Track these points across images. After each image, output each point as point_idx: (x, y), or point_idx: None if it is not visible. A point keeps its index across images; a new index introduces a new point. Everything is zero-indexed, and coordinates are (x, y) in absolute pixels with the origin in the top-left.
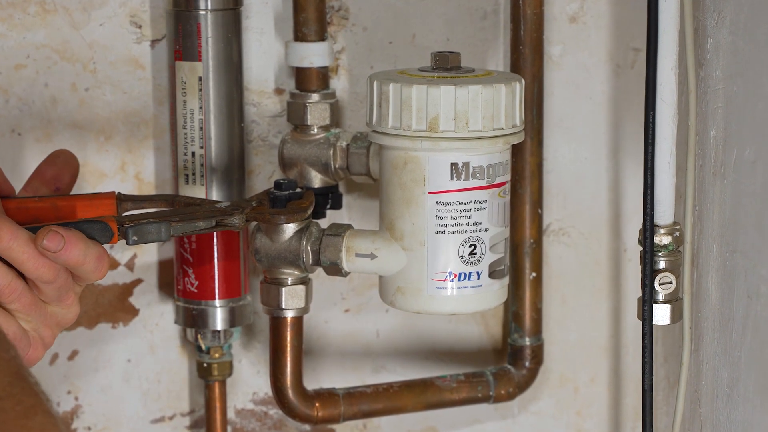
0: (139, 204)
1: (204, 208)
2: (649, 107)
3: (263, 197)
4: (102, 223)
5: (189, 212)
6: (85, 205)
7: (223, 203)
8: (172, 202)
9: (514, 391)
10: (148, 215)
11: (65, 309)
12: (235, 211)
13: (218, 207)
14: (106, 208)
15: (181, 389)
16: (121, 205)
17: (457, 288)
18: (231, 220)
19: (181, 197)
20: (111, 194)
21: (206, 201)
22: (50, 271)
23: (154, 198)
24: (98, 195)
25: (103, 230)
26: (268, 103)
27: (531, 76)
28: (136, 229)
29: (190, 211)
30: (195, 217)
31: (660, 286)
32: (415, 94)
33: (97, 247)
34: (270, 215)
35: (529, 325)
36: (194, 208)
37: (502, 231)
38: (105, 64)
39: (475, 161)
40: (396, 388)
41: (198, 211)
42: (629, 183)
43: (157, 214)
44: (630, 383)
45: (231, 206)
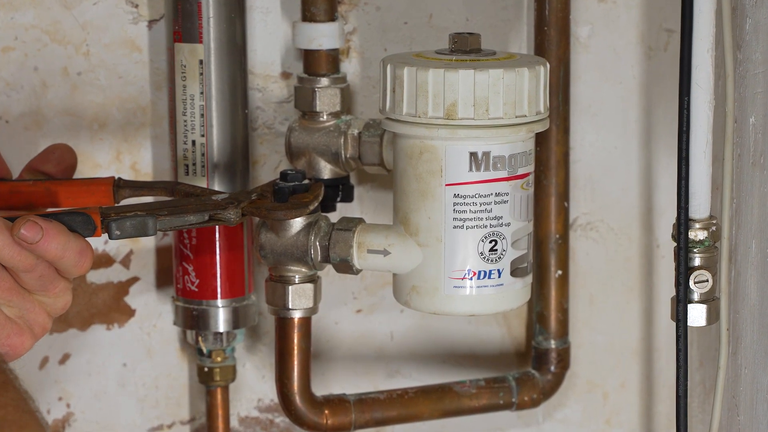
0: (137, 191)
1: (197, 201)
2: (684, 92)
3: (267, 189)
4: (84, 216)
5: (179, 205)
6: (81, 191)
7: (222, 195)
8: (173, 190)
9: (538, 397)
10: (135, 207)
11: (52, 298)
12: (229, 205)
13: (214, 200)
14: (103, 194)
15: (181, 395)
16: (118, 192)
17: (476, 287)
18: (225, 214)
19: (182, 185)
20: (108, 180)
21: (207, 191)
22: (26, 260)
23: (153, 185)
24: (95, 180)
25: (86, 223)
26: (274, 88)
27: (556, 59)
28: (120, 222)
29: (181, 203)
30: (185, 210)
31: (695, 284)
32: (432, 78)
33: (80, 241)
34: (267, 210)
35: (555, 326)
36: (186, 200)
37: (525, 226)
38: (99, 46)
39: (495, 151)
40: (411, 395)
41: (190, 203)
42: (662, 174)
43: (145, 206)
44: (663, 389)
45: (227, 199)
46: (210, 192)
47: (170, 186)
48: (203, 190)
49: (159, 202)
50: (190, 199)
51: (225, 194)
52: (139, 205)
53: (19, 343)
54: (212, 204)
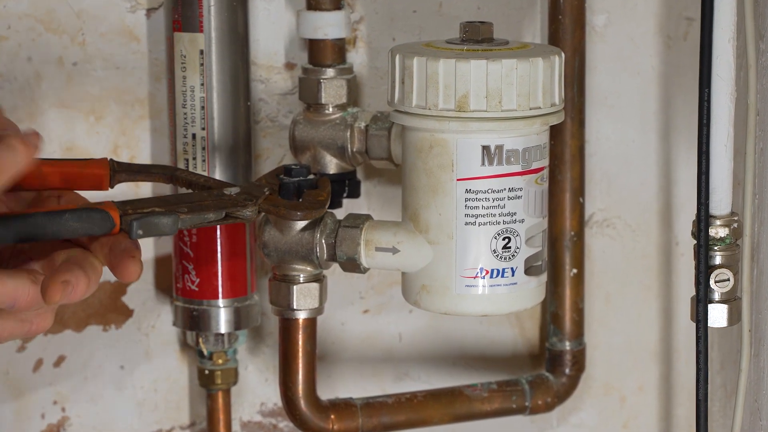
0: (134, 175)
1: (213, 198)
2: (704, 84)
3: (272, 180)
4: (102, 213)
5: (196, 200)
6: (74, 173)
7: (233, 189)
8: (171, 176)
9: (552, 401)
10: (150, 202)
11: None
12: (248, 203)
13: (229, 195)
14: (98, 178)
15: (181, 399)
16: (114, 176)
17: (489, 286)
18: (243, 212)
19: (181, 171)
20: (103, 162)
21: (211, 180)
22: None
23: (151, 170)
24: (89, 162)
25: (104, 220)
26: (277, 79)
27: (571, 49)
28: (143, 222)
29: (197, 199)
30: (204, 207)
31: (716, 283)
32: (442, 69)
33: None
34: (285, 209)
35: (570, 327)
36: (201, 195)
37: (540, 222)
38: (95, 35)
39: (509, 144)
40: (420, 398)
41: (206, 200)
42: (681, 168)
43: (160, 201)
44: (682, 392)
45: (242, 194)
46: (216, 183)
47: (169, 171)
48: (206, 179)
49: (173, 196)
50: (204, 194)
51: (236, 187)
52: (154, 199)
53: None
54: (231, 201)
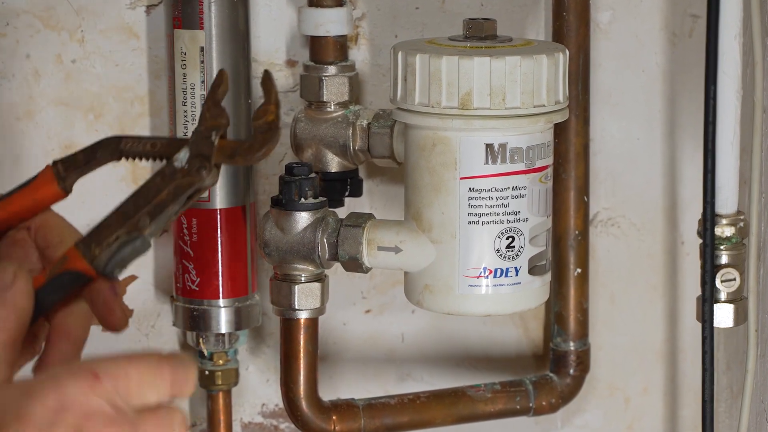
0: (83, 169)
1: (166, 180)
2: (710, 81)
3: (215, 111)
4: (72, 273)
5: (154, 198)
6: (27, 206)
7: (182, 153)
8: (118, 149)
9: (557, 402)
10: (112, 226)
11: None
12: (202, 170)
13: (180, 168)
14: (52, 197)
15: (180, 400)
16: (66, 181)
17: (492, 286)
18: (203, 184)
19: (126, 141)
20: (48, 176)
21: (158, 144)
22: None
23: (97, 153)
24: (36, 185)
25: (78, 279)
26: (278, 76)
27: (576, 46)
28: (116, 261)
29: (153, 193)
30: (164, 203)
31: (722, 283)
32: (445, 66)
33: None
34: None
35: (574, 327)
36: (155, 183)
37: (544, 221)
38: (94, 32)
39: (512, 142)
40: (423, 399)
41: (162, 188)
42: (687, 167)
43: (121, 217)
44: (688, 393)
45: (194, 159)
46: (163, 146)
47: (114, 147)
48: (152, 144)
49: (130, 203)
50: (157, 180)
51: (185, 149)
52: (113, 220)
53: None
54: (185, 178)
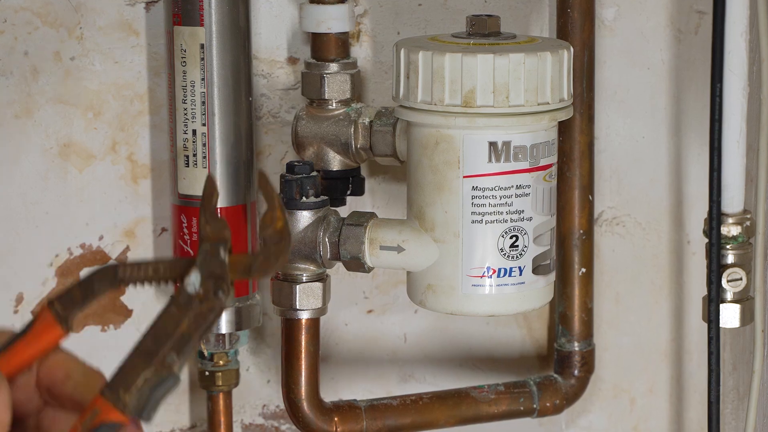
0: (82, 305)
1: (182, 310)
2: (716, 78)
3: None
4: (108, 426)
5: (174, 330)
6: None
7: (193, 277)
8: (115, 278)
9: (561, 403)
10: (137, 364)
11: None
12: (219, 291)
13: (195, 293)
14: (55, 340)
15: (180, 401)
16: (67, 321)
17: (496, 285)
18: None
19: (122, 268)
20: (46, 318)
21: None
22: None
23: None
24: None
25: (114, 429)
26: (279, 74)
27: (580, 43)
28: (149, 406)
29: (172, 326)
30: (188, 337)
31: (728, 283)
32: (449, 63)
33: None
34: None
35: (579, 327)
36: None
37: (548, 220)
38: (93, 29)
39: (516, 140)
40: (426, 400)
41: (181, 321)
42: (693, 165)
43: (146, 356)
44: (694, 394)
45: (208, 280)
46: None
47: (110, 275)
48: (155, 268)
49: (151, 338)
50: (173, 311)
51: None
52: (137, 358)
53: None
54: (205, 307)
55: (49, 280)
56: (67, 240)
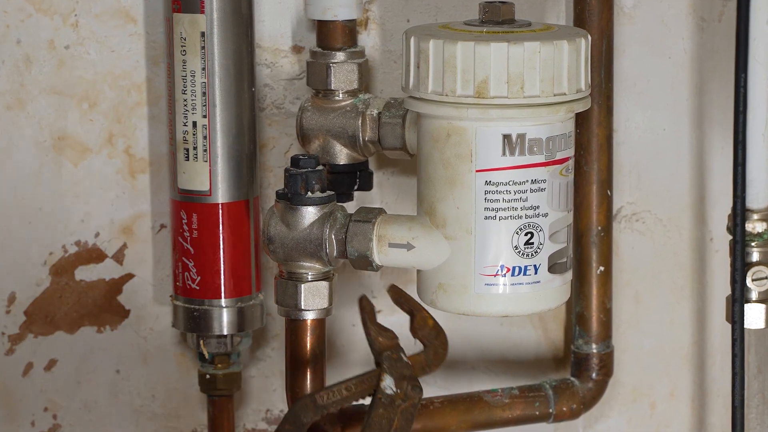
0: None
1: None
2: (740, 68)
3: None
4: None
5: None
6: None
7: (387, 382)
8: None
9: (578, 407)
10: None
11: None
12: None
13: (392, 395)
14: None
15: (180, 406)
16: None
17: (510, 285)
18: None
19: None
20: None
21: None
22: None
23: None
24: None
25: None
26: (284, 63)
27: (598, 31)
28: None
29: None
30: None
31: (753, 282)
32: (461, 52)
33: None
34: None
35: (597, 328)
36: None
37: (565, 216)
38: (89, 16)
39: (531, 133)
40: (437, 405)
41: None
42: (716, 159)
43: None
44: (717, 398)
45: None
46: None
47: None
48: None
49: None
50: (380, 413)
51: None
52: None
53: None
54: (409, 404)
55: (43, 280)
56: (61, 237)
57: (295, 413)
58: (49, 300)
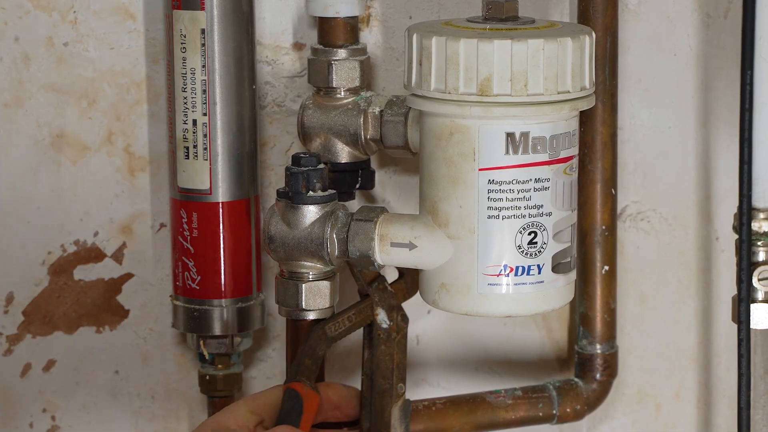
0: (315, 372)
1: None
2: (746, 65)
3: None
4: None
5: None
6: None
7: (380, 317)
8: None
9: (582, 408)
10: (385, 407)
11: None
12: (404, 318)
13: (386, 328)
14: (316, 403)
15: (180, 407)
16: (315, 388)
17: (513, 284)
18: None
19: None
20: (307, 392)
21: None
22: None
23: (317, 354)
24: (306, 405)
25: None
26: (285, 60)
27: (603, 28)
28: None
29: (390, 363)
30: (401, 364)
31: (759, 281)
32: (464, 49)
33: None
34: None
35: (601, 329)
36: (385, 355)
37: (569, 216)
38: (88, 13)
39: (535, 131)
40: (439, 406)
41: (391, 354)
42: (722, 157)
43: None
44: (723, 399)
45: (390, 315)
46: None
47: (323, 337)
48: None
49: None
50: (383, 350)
51: (378, 308)
52: (378, 403)
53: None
54: (401, 335)
55: (41, 279)
56: (60, 237)
57: (311, 346)
58: (47, 300)
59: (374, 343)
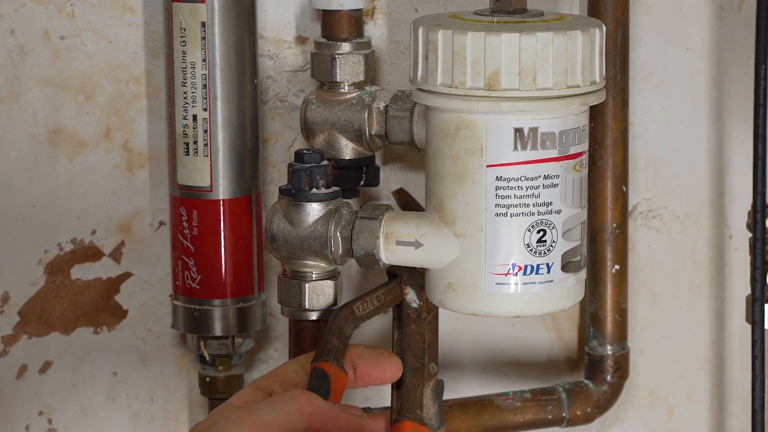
0: (343, 352)
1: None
2: (761, 59)
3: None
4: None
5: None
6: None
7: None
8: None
9: (592, 411)
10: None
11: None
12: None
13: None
14: (343, 382)
15: (180, 410)
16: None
17: (522, 284)
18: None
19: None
20: (335, 372)
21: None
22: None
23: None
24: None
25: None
26: (287, 54)
27: (614, 21)
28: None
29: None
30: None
31: None
32: (471, 43)
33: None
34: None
35: (611, 329)
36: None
37: (578, 213)
38: (85, 6)
39: (544, 126)
40: (446, 408)
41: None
42: (735, 153)
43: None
44: (736, 401)
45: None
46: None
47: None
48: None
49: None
50: (412, 329)
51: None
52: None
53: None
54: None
55: (38, 279)
56: (56, 235)
57: (339, 326)
58: (43, 300)
59: (404, 322)
